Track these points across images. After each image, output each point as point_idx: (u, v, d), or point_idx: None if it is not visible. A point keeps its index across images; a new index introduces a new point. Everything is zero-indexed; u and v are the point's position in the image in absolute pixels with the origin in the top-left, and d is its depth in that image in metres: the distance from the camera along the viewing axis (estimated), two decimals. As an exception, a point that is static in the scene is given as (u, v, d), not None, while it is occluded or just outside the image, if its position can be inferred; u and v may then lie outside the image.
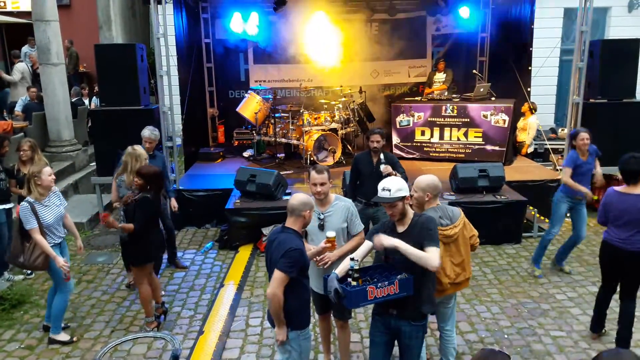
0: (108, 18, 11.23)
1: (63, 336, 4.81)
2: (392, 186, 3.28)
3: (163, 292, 5.49)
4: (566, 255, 6.14)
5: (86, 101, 11.91)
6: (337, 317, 4.08)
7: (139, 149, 5.46)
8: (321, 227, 3.80)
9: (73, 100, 10.57)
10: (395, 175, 5.48)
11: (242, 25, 10.27)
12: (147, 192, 4.69)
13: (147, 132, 6.06)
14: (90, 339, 4.88)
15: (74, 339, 4.83)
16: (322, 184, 3.80)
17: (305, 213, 3.31)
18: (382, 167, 5.46)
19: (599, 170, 5.99)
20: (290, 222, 3.33)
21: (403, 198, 3.28)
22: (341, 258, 3.67)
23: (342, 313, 4.01)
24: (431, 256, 3.14)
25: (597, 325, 4.74)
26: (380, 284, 3.13)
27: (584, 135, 5.65)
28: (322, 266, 3.73)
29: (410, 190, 3.50)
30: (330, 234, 3.56)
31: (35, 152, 5.89)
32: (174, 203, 6.33)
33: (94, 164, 8.51)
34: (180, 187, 7.63)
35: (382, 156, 5.54)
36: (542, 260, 6.20)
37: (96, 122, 7.96)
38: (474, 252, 4.13)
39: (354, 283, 3.17)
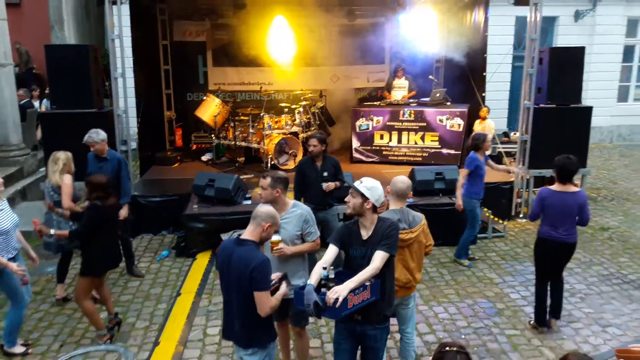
0: (60, 18, 10.84)
1: (18, 348, 4.61)
2: (365, 181, 3.30)
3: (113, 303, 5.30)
4: (467, 250, 6.53)
5: (36, 103, 11.46)
6: (294, 324, 4.03)
7: (58, 153, 5.34)
8: (276, 232, 3.69)
9: (21, 102, 10.15)
10: (336, 187, 5.58)
11: (201, 27, 10.13)
12: (96, 200, 4.54)
13: (86, 136, 5.75)
14: (38, 354, 4.65)
15: (30, 351, 4.63)
16: (262, 188, 3.82)
17: (264, 224, 3.17)
18: (324, 186, 5.53)
19: (498, 166, 7.04)
20: (249, 231, 3.21)
21: (365, 198, 3.24)
22: (295, 256, 3.77)
23: (299, 320, 3.98)
24: (374, 264, 3.13)
25: (542, 319, 4.98)
26: (357, 291, 3.08)
27: (490, 138, 6.35)
28: (275, 254, 3.70)
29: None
30: (275, 237, 3.54)
31: None
32: (123, 212, 5.84)
33: (43, 169, 8.19)
34: (135, 193, 7.42)
35: (325, 173, 5.57)
36: (499, 260, 6.50)
37: (46, 126, 7.67)
38: (430, 255, 4.22)
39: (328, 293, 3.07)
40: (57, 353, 4.67)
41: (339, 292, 2.98)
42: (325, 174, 5.59)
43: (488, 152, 9.75)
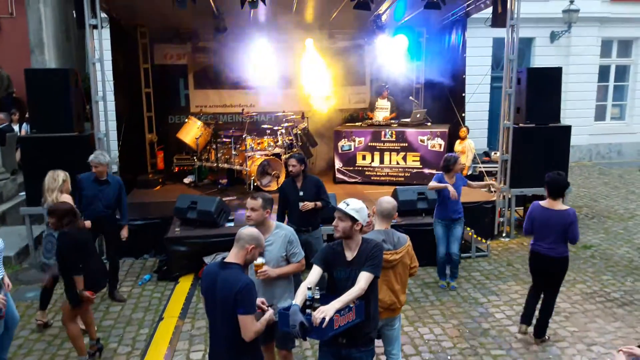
0: (40, 41, 10.78)
1: None
2: (351, 203, 3.28)
3: (96, 328, 5.20)
4: (444, 271, 6.46)
5: (16, 127, 11.31)
6: (280, 347, 3.97)
7: (57, 171, 5.40)
8: (260, 255, 3.66)
9: (1, 126, 10.02)
10: (315, 207, 5.53)
11: (182, 50, 10.16)
12: (67, 226, 4.46)
13: (92, 155, 5.80)
14: (17, 382, 4.54)
15: None
16: (252, 209, 3.78)
17: (248, 247, 3.15)
18: (300, 205, 5.48)
19: (478, 183, 7.16)
20: (233, 253, 3.18)
21: (354, 220, 3.24)
22: (281, 278, 3.73)
23: (285, 343, 3.93)
24: (360, 285, 3.12)
25: (527, 318, 5.12)
26: (342, 312, 3.05)
27: (461, 160, 6.49)
28: (260, 277, 3.66)
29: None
30: (258, 260, 3.52)
31: None
32: (124, 232, 6.09)
33: (23, 193, 8.05)
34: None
35: (301, 193, 5.54)
36: (483, 280, 6.54)
37: (26, 150, 7.56)
38: (414, 276, 4.21)
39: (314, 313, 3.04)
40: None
41: (325, 312, 2.95)
42: (301, 193, 5.54)
43: (468, 173, 9.93)
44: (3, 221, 8.35)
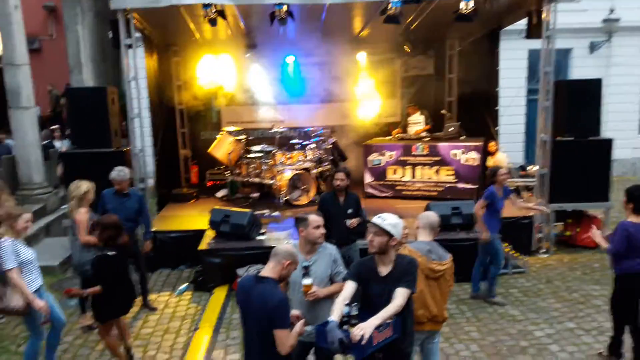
0: (78, 62, 11.20)
1: None
2: (387, 218, 3.25)
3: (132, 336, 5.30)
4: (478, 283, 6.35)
5: (57, 143, 11.73)
6: None
7: (82, 180, 5.56)
8: (305, 276, 3.57)
9: (44, 142, 10.42)
10: (358, 223, 5.53)
11: (213, 67, 10.35)
12: (107, 248, 4.53)
13: (114, 173, 5.97)
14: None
15: None
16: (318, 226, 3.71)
17: (284, 262, 3.14)
18: (348, 223, 5.49)
19: (521, 203, 6.79)
20: (269, 267, 3.18)
21: (390, 235, 3.21)
22: (326, 298, 3.62)
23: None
24: (397, 301, 3.09)
25: (618, 348, 4.76)
26: (380, 328, 3.02)
27: (503, 171, 6.17)
28: (310, 298, 3.58)
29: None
30: (306, 281, 3.48)
31: (2, 194, 5.75)
32: (148, 245, 6.21)
33: (65, 206, 8.32)
34: (154, 229, 7.45)
35: (349, 210, 5.54)
36: (521, 297, 6.35)
37: (67, 164, 7.82)
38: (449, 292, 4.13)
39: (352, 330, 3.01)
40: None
41: (364, 329, 2.92)
42: (350, 210, 5.58)
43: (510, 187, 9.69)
44: (47, 233, 8.66)
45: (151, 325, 5.87)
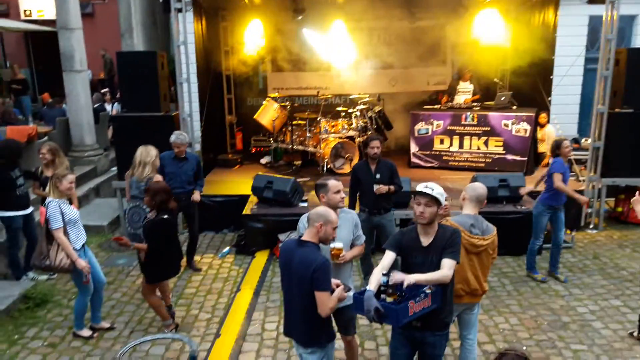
0: (130, 26, 11.40)
1: (85, 332, 4.94)
2: (434, 187, 3.22)
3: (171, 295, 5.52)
4: (557, 262, 6.11)
5: (108, 107, 12.12)
6: (343, 332, 3.94)
7: (149, 146, 5.74)
8: (334, 239, 3.59)
9: (95, 106, 10.77)
10: (390, 191, 5.44)
11: (261, 32, 10.32)
12: (162, 212, 4.67)
13: (174, 136, 6.13)
14: (110, 338, 4.97)
15: (95, 335, 4.94)
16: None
17: (317, 224, 3.17)
18: (375, 188, 5.40)
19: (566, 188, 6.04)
20: (307, 232, 3.25)
21: (440, 204, 3.18)
22: (346, 262, 3.74)
23: (348, 328, 3.91)
24: (444, 271, 3.10)
25: None
26: (418, 298, 3.04)
27: (567, 144, 5.89)
28: (341, 261, 3.67)
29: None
30: (338, 244, 3.54)
31: (57, 156, 6.02)
32: (196, 195, 6.31)
33: (115, 168, 8.64)
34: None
35: (377, 175, 5.46)
36: (566, 272, 6.18)
37: (117, 128, 8.08)
38: (492, 264, 4.07)
39: (389, 299, 3.05)
40: (128, 338, 4.95)
41: (406, 278, 3.01)
42: (378, 176, 5.49)
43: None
44: (97, 193, 9.04)
45: (195, 286, 6.09)
